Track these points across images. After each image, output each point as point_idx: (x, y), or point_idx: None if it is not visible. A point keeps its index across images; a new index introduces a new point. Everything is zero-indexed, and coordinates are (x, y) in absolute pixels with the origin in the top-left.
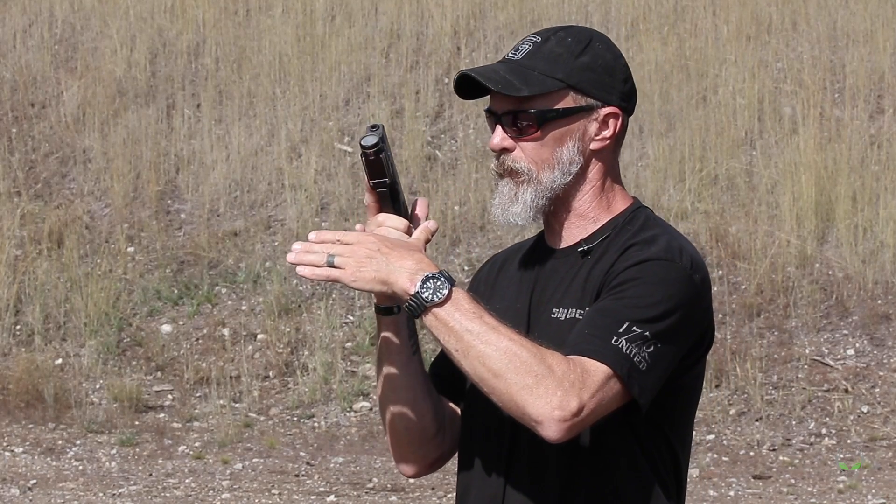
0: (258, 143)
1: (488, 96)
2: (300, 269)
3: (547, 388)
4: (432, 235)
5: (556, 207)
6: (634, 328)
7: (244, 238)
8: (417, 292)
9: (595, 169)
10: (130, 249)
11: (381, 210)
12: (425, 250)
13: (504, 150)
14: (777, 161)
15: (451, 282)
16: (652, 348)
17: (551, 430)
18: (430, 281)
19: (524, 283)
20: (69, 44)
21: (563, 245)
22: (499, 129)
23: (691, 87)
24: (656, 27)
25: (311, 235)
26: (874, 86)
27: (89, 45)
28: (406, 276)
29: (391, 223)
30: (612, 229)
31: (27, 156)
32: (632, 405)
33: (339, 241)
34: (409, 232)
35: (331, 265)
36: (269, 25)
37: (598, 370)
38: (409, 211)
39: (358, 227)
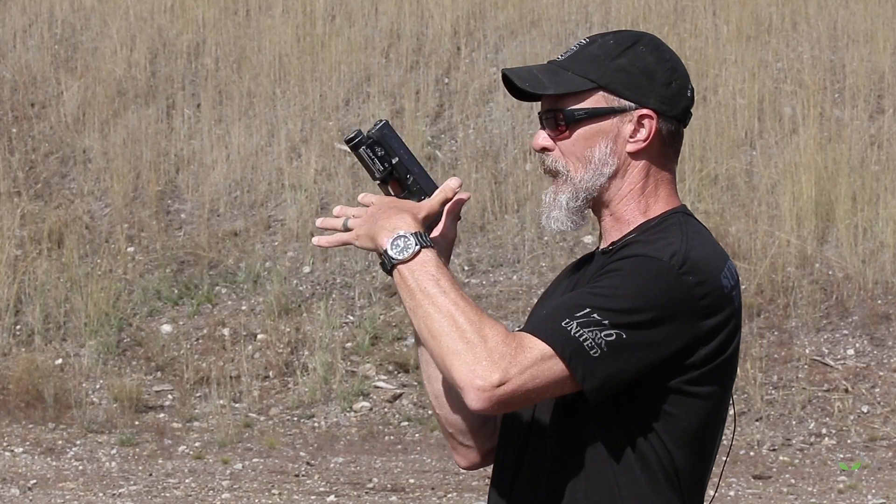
0: (258, 143)
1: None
2: (315, 240)
3: (474, 356)
4: (455, 195)
5: (599, 210)
6: (594, 315)
7: (244, 238)
8: (386, 250)
9: (634, 171)
10: (130, 249)
11: None
12: (453, 221)
13: (544, 150)
14: (777, 161)
15: (423, 244)
16: (613, 337)
17: (471, 397)
18: (401, 240)
19: (572, 282)
20: (69, 44)
21: (603, 246)
22: (540, 128)
23: None
24: (656, 27)
25: (335, 210)
26: (874, 86)
27: (89, 45)
28: (385, 233)
29: None
30: (640, 232)
31: (27, 156)
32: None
33: (371, 203)
34: None
35: (346, 228)
36: (269, 25)
37: (535, 347)
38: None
39: (362, 197)
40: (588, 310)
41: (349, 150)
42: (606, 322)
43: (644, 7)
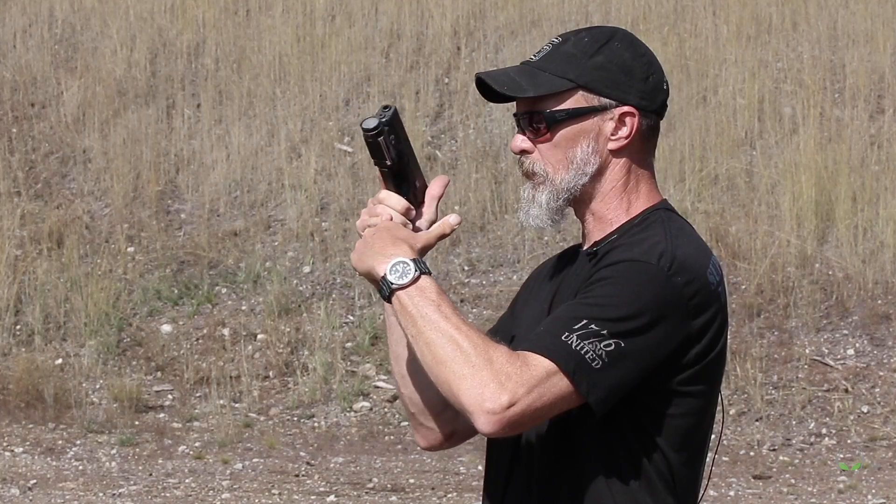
0: (258, 143)
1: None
2: None
3: (481, 380)
4: (452, 231)
5: (580, 210)
6: (592, 326)
7: (244, 238)
8: (385, 275)
9: (615, 170)
10: (130, 249)
11: (385, 186)
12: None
13: (524, 153)
14: (777, 161)
15: (422, 270)
16: (612, 347)
17: (481, 421)
18: (400, 265)
19: (553, 285)
20: (69, 44)
21: (586, 247)
22: (517, 131)
23: (691, 87)
24: (656, 27)
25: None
26: (874, 86)
27: (89, 45)
28: (381, 259)
29: (390, 202)
30: (622, 232)
31: (27, 156)
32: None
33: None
34: (407, 213)
35: None
36: (269, 25)
37: (539, 365)
38: (424, 188)
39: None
40: (585, 321)
41: (366, 137)
42: (605, 332)
43: (644, 7)
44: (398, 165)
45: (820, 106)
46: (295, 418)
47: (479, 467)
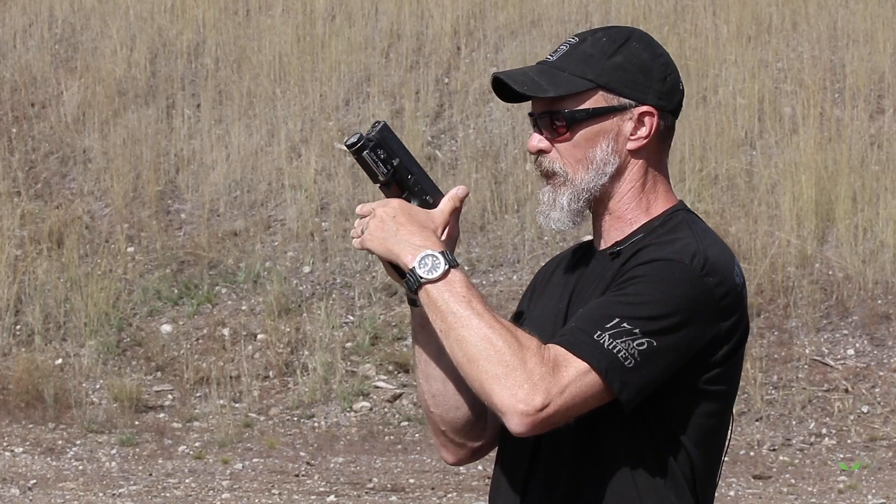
0: (258, 143)
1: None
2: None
3: (515, 381)
4: (461, 203)
5: (597, 209)
6: (624, 325)
7: (244, 238)
8: (414, 267)
9: (634, 169)
10: (130, 249)
11: None
12: (456, 219)
13: (541, 152)
14: (777, 161)
15: (451, 263)
16: (644, 346)
17: (514, 422)
18: (429, 258)
19: (568, 282)
20: (69, 44)
21: (603, 246)
22: (534, 130)
23: (691, 87)
24: (656, 27)
25: (357, 209)
26: (874, 86)
27: (89, 45)
28: (409, 250)
29: None
30: (646, 231)
31: (27, 156)
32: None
33: (373, 209)
34: None
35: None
36: (269, 25)
37: (572, 365)
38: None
39: (360, 208)
40: (618, 319)
41: (351, 154)
42: (637, 331)
43: (644, 7)
44: (394, 180)
45: (820, 106)
46: (295, 418)
47: (480, 467)
